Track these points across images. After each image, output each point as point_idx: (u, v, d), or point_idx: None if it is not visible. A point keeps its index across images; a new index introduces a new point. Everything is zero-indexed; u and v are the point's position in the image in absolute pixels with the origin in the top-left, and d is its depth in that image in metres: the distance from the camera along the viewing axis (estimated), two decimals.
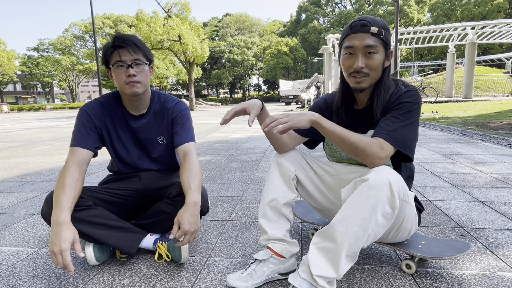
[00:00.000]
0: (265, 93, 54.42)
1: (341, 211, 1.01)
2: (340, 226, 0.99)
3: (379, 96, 1.14)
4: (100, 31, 40.17)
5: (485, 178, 2.60)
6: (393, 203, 0.97)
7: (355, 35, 1.08)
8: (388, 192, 0.96)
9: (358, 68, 1.09)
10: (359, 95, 1.22)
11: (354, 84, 1.14)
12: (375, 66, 1.10)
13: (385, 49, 1.10)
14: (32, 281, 1.28)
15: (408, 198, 1.08)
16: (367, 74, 1.11)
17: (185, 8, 20.20)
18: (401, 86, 1.16)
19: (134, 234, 1.39)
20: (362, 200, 0.97)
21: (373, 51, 1.08)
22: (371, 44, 1.07)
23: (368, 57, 1.09)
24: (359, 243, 0.99)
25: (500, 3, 30.49)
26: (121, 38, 1.32)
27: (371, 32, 1.06)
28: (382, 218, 0.98)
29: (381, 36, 1.07)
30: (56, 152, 4.94)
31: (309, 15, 42.40)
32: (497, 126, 5.86)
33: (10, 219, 2.01)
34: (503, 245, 1.46)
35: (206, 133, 6.91)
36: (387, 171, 1.00)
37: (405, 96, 1.11)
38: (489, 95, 18.57)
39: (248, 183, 2.69)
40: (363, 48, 1.08)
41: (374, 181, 0.96)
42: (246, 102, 1.14)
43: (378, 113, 1.14)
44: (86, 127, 1.38)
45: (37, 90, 56.83)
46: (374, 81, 1.14)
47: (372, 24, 1.07)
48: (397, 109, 1.10)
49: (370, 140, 1.04)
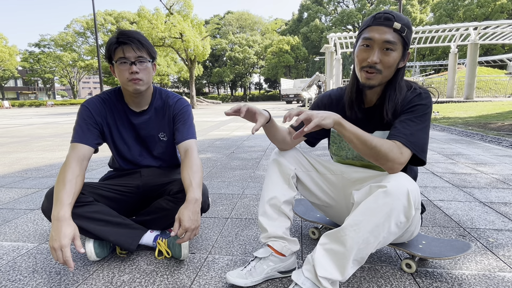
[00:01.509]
0: (266, 91, 54.35)
1: (353, 215, 0.99)
2: (352, 231, 0.97)
3: (390, 97, 1.10)
4: (102, 28, 40.15)
5: (486, 179, 2.60)
6: (409, 213, 0.95)
7: (376, 28, 1.03)
8: (405, 201, 0.94)
9: (372, 63, 1.04)
10: (367, 93, 1.17)
11: (364, 79, 1.08)
12: (390, 64, 1.04)
13: (403, 48, 1.05)
14: (32, 276, 1.28)
15: (419, 205, 1.06)
16: (380, 71, 1.05)
17: (187, 6, 20.17)
18: (416, 87, 1.11)
19: (135, 230, 1.39)
20: (377, 206, 0.95)
21: (391, 47, 1.02)
22: (391, 40, 1.01)
23: (384, 53, 1.03)
24: (368, 249, 0.98)
25: (504, 3, 30.35)
26: (126, 35, 1.31)
27: (393, 27, 1.01)
28: (395, 227, 0.96)
29: (403, 34, 1.02)
30: (56, 147, 4.94)
31: (311, 13, 42.26)
32: (498, 127, 5.85)
33: (11, 214, 2.01)
34: (503, 245, 1.46)
35: (206, 130, 6.91)
36: (406, 179, 0.97)
37: (419, 99, 1.07)
38: (491, 96, 18.52)
39: (248, 181, 2.69)
40: (382, 43, 1.02)
41: (392, 189, 0.94)
42: (258, 108, 1.09)
43: (390, 114, 1.10)
44: (87, 123, 1.38)
45: (38, 86, 56.87)
46: (386, 80, 1.09)
47: (397, 19, 1.01)
48: (411, 112, 1.06)
49: (390, 145, 0.99)
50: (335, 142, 1.33)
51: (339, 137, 1.30)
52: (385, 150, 0.98)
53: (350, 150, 1.27)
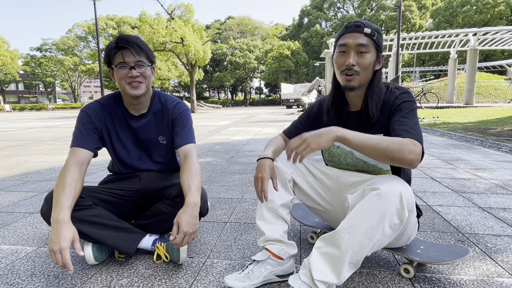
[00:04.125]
0: (266, 96, 54.52)
1: (347, 218, 1.00)
2: (346, 234, 0.98)
3: (372, 98, 1.17)
4: (103, 32, 40.40)
5: (485, 184, 2.60)
6: (402, 215, 0.97)
7: (349, 35, 1.13)
8: (398, 203, 0.96)
9: (349, 65, 1.12)
10: (350, 97, 1.24)
11: (345, 82, 1.16)
12: (366, 65, 1.13)
13: (376, 51, 1.14)
14: (30, 279, 1.28)
15: (413, 208, 1.08)
16: (358, 73, 1.14)
17: (188, 11, 20.30)
18: (393, 88, 1.19)
19: (133, 234, 1.39)
20: (370, 209, 0.96)
21: (365, 50, 1.12)
22: (364, 43, 1.11)
23: (360, 56, 1.12)
24: (363, 252, 0.99)
25: (502, 10, 30.56)
26: (125, 40, 1.33)
27: (364, 32, 1.11)
28: (389, 229, 0.97)
29: (374, 38, 1.12)
30: (56, 151, 4.95)
31: (311, 19, 42.55)
32: (498, 132, 5.86)
33: (10, 218, 2.02)
34: (502, 251, 1.46)
35: (206, 135, 6.92)
36: (399, 182, 1.00)
37: (402, 97, 1.14)
38: (490, 101, 18.56)
39: (248, 186, 2.69)
40: (356, 47, 1.12)
41: (385, 191, 0.95)
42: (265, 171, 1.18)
43: (375, 113, 1.17)
44: (86, 127, 1.39)
45: (39, 90, 57.05)
46: (364, 81, 1.17)
47: (366, 26, 1.12)
48: (400, 110, 1.12)
49: (400, 140, 0.99)
50: (326, 149, 1.34)
51: None
52: (398, 147, 0.98)
53: (342, 156, 1.29)
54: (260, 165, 1.21)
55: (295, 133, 1.37)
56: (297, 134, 1.36)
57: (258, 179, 1.18)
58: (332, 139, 0.99)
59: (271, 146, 1.31)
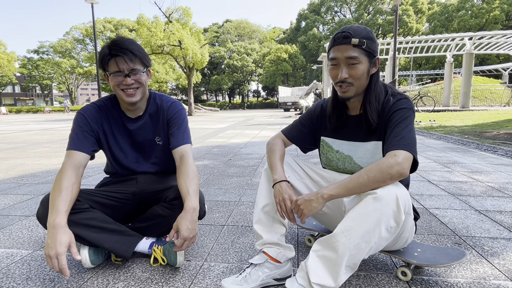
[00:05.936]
0: (264, 99, 54.60)
1: (344, 221, 1.01)
2: (343, 237, 0.98)
3: (371, 103, 1.17)
4: (101, 35, 40.38)
5: (482, 187, 2.62)
6: (398, 218, 0.97)
7: (338, 47, 1.11)
8: (394, 206, 0.96)
9: (342, 79, 1.12)
10: (349, 102, 1.24)
11: (341, 93, 1.17)
12: (358, 76, 1.12)
13: (369, 57, 1.12)
14: (26, 283, 1.27)
15: (410, 210, 1.09)
16: (351, 84, 1.13)
17: (186, 14, 20.36)
18: (389, 94, 1.18)
19: (130, 237, 1.38)
20: (367, 212, 0.97)
21: (355, 62, 1.09)
22: (353, 55, 1.09)
23: (351, 68, 1.11)
24: (360, 255, 0.99)
25: (497, 15, 30.91)
26: (118, 46, 1.30)
27: (352, 44, 1.08)
28: (385, 232, 0.98)
29: (363, 47, 1.09)
30: (53, 154, 4.92)
31: (309, 22, 42.80)
32: (494, 135, 5.90)
33: (5, 221, 2.00)
34: (498, 253, 1.47)
35: (204, 138, 6.92)
36: (395, 185, 1.00)
37: (399, 104, 1.14)
38: (486, 105, 18.71)
39: (245, 188, 2.69)
40: (345, 60, 1.10)
41: (381, 195, 0.96)
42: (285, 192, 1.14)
43: (374, 118, 1.17)
44: (83, 130, 1.38)
45: (36, 92, 56.82)
46: (361, 89, 1.16)
47: (354, 35, 1.08)
48: (394, 118, 1.12)
49: (375, 163, 1.02)
50: (323, 153, 1.36)
51: (327, 147, 1.33)
52: (377, 170, 0.99)
53: (340, 161, 1.30)
54: (278, 190, 1.16)
55: (296, 135, 1.37)
56: (298, 136, 1.37)
57: (280, 203, 1.14)
58: (323, 203, 1.04)
59: (278, 163, 1.25)
